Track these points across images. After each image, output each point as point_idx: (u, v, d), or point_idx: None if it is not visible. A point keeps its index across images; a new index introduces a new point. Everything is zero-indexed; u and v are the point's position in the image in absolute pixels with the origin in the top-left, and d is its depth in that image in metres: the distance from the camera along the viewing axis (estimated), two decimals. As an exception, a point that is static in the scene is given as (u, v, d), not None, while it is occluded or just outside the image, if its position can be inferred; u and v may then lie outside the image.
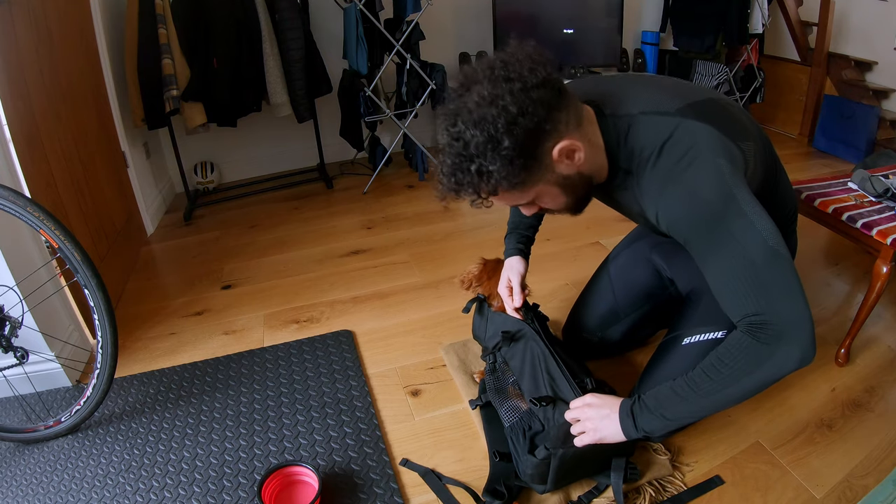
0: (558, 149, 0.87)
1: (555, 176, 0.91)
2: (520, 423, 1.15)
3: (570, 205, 0.98)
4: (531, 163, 0.86)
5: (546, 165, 0.88)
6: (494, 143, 0.82)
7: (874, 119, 3.01)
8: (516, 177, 0.85)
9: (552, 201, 0.96)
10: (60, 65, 1.81)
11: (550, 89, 0.84)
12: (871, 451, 1.24)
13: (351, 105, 2.84)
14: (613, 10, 3.27)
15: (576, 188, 0.96)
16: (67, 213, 1.69)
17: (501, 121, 0.81)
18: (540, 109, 0.82)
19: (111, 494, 1.21)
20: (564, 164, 0.90)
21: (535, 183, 0.90)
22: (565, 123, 0.88)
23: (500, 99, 0.81)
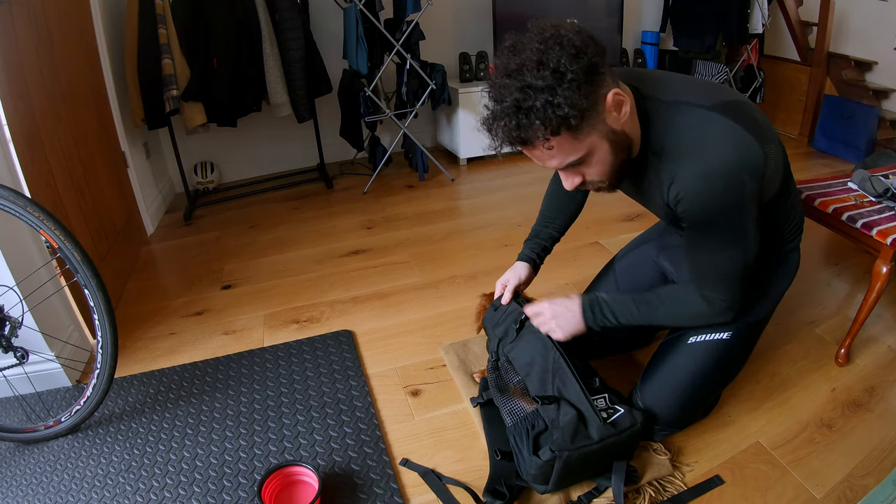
0: (612, 94, 0.90)
1: (606, 128, 0.93)
2: (523, 423, 1.15)
3: (614, 168, 0.99)
4: (591, 101, 0.87)
5: (600, 112, 0.91)
6: (560, 76, 0.84)
7: (874, 119, 3.01)
8: (583, 108, 0.86)
9: (601, 163, 0.97)
10: (60, 65, 1.81)
11: (598, 43, 0.89)
12: (871, 451, 1.24)
13: (351, 105, 2.84)
14: (613, 9, 3.27)
15: (621, 149, 0.98)
16: (67, 213, 1.69)
17: (566, 57, 0.84)
18: (596, 55, 0.87)
19: (111, 494, 1.21)
20: (613, 115, 0.93)
21: (591, 130, 0.91)
22: (611, 78, 0.92)
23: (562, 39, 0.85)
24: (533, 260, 1.42)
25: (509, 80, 0.87)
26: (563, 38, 0.85)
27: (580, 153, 0.94)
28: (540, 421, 1.12)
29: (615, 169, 1.00)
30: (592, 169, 0.98)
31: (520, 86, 0.85)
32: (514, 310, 1.31)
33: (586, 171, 0.99)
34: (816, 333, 1.65)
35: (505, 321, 1.31)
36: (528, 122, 0.86)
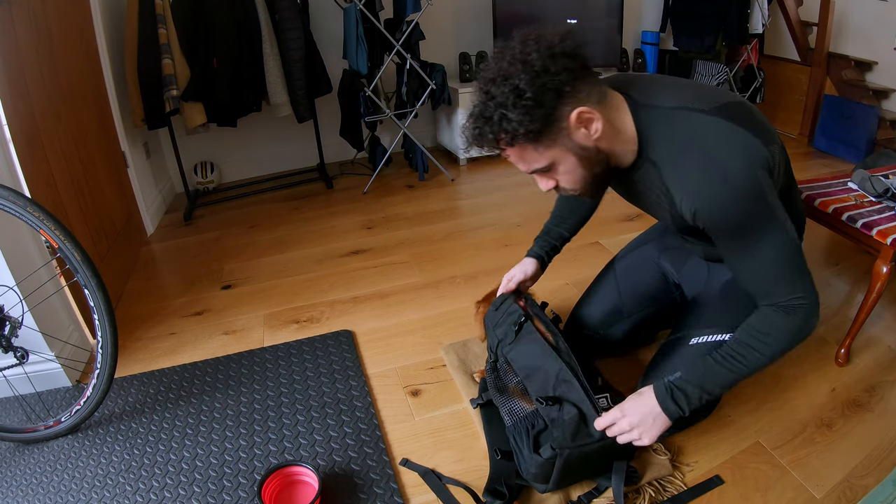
0: (576, 113, 0.91)
1: (572, 143, 0.95)
2: (522, 422, 1.15)
3: (586, 180, 1.00)
4: (549, 120, 0.91)
5: (563, 129, 0.93)
6: (517, 94, 0.88)
7: (874, 119, 3.01)
8: (533, 129, 0.90)
9: (569, 173, 0.99)
10: (60, 65, 1.82)
11: (575, 59, 0.90)
12: (871, 451, 1.24)
13: (351, 105, 2.84)
14: (613, 9, 3.27)
15: (592, 163, 0.98)
16: (67, 213, 1.69)
17: (526, 75, 0.87)
18: (563, 72, 0.89)
19: (111, 494, 1.21)
20: (582, 132, 0.94)
21: (553, 144, 0.94)
22: (586, 94, 0.93)
23: (528, 56, 0.88)
24: (541, 257, 1.41)
25: (481, 86, 0.93)
26: (530, 56, 0.88)
27: (543, 163, 0.97)
28: (540, 420, 1.12)
29: (588, 180, 1.01)
30: (562, 177, 1.01)
31: (485, 96, 0.92)
32: (515, 311, 1.30)
33: (556, 177, 1.01)
34: (816, 333, 1.64)
35: (505, 322, 1.30)
36: (484, 130, 0.93)
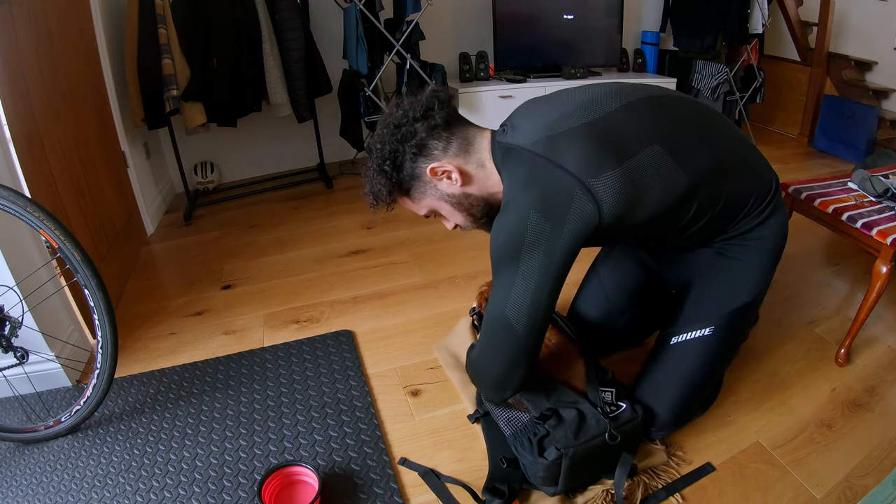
0: (429, 169, 1.07)
1: (440, 192, 1.10)
2: (524, 431, 1.15)
3: (471, 220, 1.15)
4: (412, 177, 1.10)
5: (427, 182, 1.10)
6: (380, 161, 1.10)
7: (874, 119, 3.02)
8: (398, 188, 1.11)
9: (451, 216, 1.16)
10: (60, 65, 1.81)
11: (426, 121, 1.06)
12: (871, 451, 1.24)
13: (351, 105, 2.84)
14: (613, 9, 3.27)
15: (466, 207, 1.12)
16: (67, 213, 1.69)
17: (382, 147, 1.09)
18: (413, 136, 1.06)
19: (111, 494, 1.21)
20: (445, 183, 1.09)
21: (423, 196, 1.12)
22: (443, 150, 1.08)
23: (384, 137, 1.09)
24: None
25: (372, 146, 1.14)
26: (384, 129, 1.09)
27: (423, 211, 1.16)
28: (541, 427, 1.11)
29: (473, 221, 1.15)
30: (451, 221, 1.17)
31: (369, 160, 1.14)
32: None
33: (444, 220, 1.18)
34: (816, 333, 1.65)
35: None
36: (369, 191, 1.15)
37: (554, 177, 0.96)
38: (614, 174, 0.96)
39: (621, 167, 0.97)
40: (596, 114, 1.03)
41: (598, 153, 0.97)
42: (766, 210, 1.16)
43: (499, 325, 1.03)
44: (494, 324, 1.04)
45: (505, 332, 1.02)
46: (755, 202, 1.14)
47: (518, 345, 1.02)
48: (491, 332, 1.06)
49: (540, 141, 1.00)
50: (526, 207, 0.96)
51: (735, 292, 1.19)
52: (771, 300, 1.79)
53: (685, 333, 1.20)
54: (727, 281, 1.20)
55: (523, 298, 0.99)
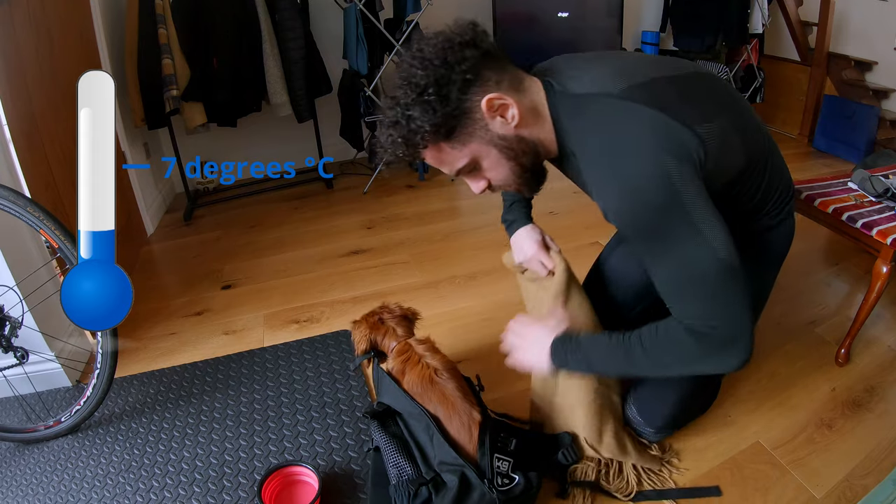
0: (486, 99, 0.86)
1: (490, 134, 0.89)
2: (406, 487, 1.04)
3: (516, 173, 0.94)
4: (459, 113, 0.86)
5: (477, 120, 0.88)
6: (419, 92, 0.85)
7: (874, 119, 3.01)
8: (439, 122, 0.86)
9: (495, 168, 0.93)
10: (60, 65, 1.81)
11: (476, 48, 0.87)
12: (871, 451, 1.24)
13: (351, 105, 2.84)
14: (613, 9, 3.27)
15: (517, 154, 0.92)
16: (67, 213, 1.69)
17: (424, 72, 0.85)
18: (464, 62, 0.85)
19: (111, 494, 1.21)
20: (499, 122, 0.89)
21: (469, 139, 0.89)
22: (496, 82, 0.88)
23: (424, 54, 0.86)
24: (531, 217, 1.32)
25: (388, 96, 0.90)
26: (426, 53, 0.86)
27: (464, 160, 0.91)
28: (424, 489, 1.02)
29: (519, 174, 0.94)
30: (490, 174, 0.95)
31: (391, 103, 0.88)
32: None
33: (486, 175, 0.95)
34: (816, 333, 1.65)
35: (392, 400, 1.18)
36: (394, 137, 0.88)
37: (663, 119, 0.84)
38: (710, 127, 0.87)
39: (712, 122, 0.88)
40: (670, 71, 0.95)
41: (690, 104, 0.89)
42: (782, 212, 1.13)
43: (719, 273, 0.83)
44: (716, 275, 0.83)
45: (727, 277, 0.83)
46: (776, 201, 1.11)
47: (742, 281, 0.84)
48: (709, 288, 0.84)
49: (626, 89, 0.87)
50: (654, 153, 0.82)
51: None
52: (771, 300, 1.78)
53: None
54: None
55: (716, 234, 0.83)
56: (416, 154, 0.91)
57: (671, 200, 0.81)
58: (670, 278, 0.87)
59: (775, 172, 1.09)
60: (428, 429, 1.05)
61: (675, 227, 0.83)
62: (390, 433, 1.12)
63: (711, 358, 0.87)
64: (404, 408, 1.10)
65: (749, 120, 1.01)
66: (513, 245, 1.30)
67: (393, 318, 1.27)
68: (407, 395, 1.10)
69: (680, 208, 0.82)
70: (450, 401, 1.07)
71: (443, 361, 1.15)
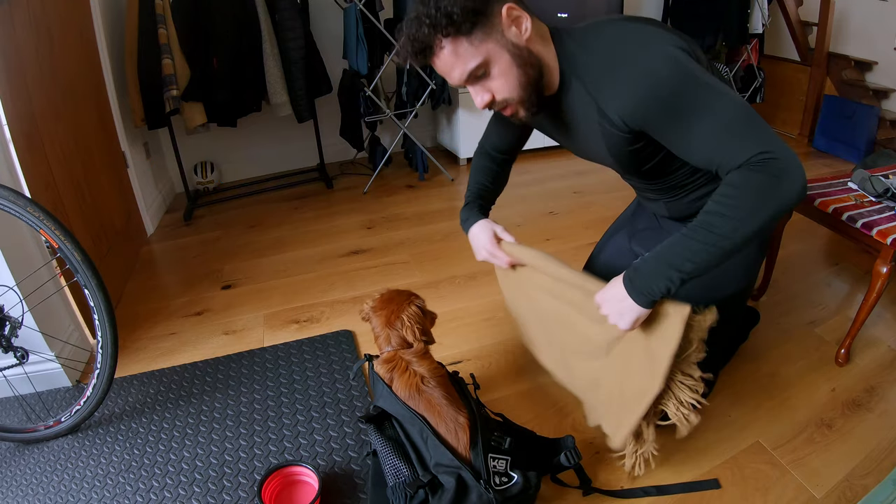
0: (507, 6, 0.94)
1: (505, 40, 0.95)
2: (402, 489, 1.03)
3: (522, 84, 0.98)
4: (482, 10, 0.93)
5: (496, 24, 0.95)
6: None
7: (874, 119, 3.01)
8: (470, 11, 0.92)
9: (504, 75, 0.97)
10: (60, 65, 1.81)
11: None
12: (871, 451, 1.24)
13: (351, 105, 2.84)
14: (613, 10, 3.27)
15: (526, 64, 0.97)
16: (67, 213, 1.69)
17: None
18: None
19: (111, 494, 1.21)
20: (513, 31, 0.96)
21: (486, 38, 0.95)
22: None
23: None
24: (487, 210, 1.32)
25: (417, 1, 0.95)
26: None
27: (478, 59, 0.95)
28: (421, 491, 1.01)
29: (524, 84, 0.98)
30: (498, 82, 0.98)
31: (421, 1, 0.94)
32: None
33: (492, 85, 0.99)
34: (816, 333, 1.65)
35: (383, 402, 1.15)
36: (422, 27, 0.93)
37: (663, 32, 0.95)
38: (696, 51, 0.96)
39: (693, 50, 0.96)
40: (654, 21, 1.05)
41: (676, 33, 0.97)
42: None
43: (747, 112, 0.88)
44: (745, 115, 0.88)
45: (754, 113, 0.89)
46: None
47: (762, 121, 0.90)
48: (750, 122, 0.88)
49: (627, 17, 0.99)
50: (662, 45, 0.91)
51: (727, 280, 1.16)
52: (771, 300, 1.79)
53: None
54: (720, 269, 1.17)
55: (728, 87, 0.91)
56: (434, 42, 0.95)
57: (683, 74, 0.89)
58: (711, 134, 0.89)
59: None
60: (422, 432, 1.05)
61: (694, 92, 0.89)
62: (386, 436, 1.10)
63: (776, 183, 0.86)
64: (398, 411, 1.10)
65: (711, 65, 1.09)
66: (470, 241, 1.29)
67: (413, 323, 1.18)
68: (398, 399, 1.10)
69: (692, 77, 0.89)
70: (436, 408, 1.07)
71: (429, 368, 1.13)
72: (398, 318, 1.18)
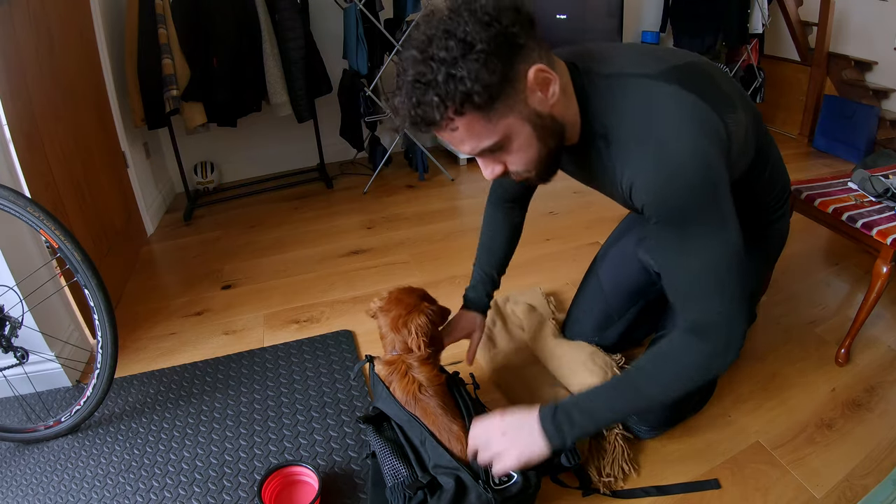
0: (534, 70, 0.78)
1: (528, 110, 0.81)
2: (401, 489, 1.03)
3: (541, 157, 0.86)
4: (506, 78, 0.76)
5: (519, 91, 0.78)
6: (466, 47, 0.72)
7: (874, 119, 3.01)
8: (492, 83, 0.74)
9: (523, 149, 0.84)
10: (60, 65, 1.81)
11: (522, 14, 0.77)
12: (871, 451, 1.24)
13: (351, 105, 2.84)
14: (613, 9, 3.27)
15: (547, 136, 0.84)
16: (67, 213, 1.69)
17: (474, 25, 0.73)
18: (516, 24, 0.75)
19: (111, 494, 1.21)
20: (538, 96, 0.81)
21: (507, 111, 0.79)
22: (538, 53, 0.80)
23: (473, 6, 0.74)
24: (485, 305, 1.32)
25: (415, 52, 0.76)
26: (475, 3, 0.74)
27: (494, 137, 0.81)
28: (420, 492, 1.00)
29: (543, 158, 0.86)
30: (514, 156, 0.85)
31: (422, 57, 0.75)
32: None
33: (507, 158, 0.86)
34: (816, 333, 1.65)
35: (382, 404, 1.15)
36: (427, 97, 0.75)
37: (702, 106, 0.82)
38: (734, 117, 0.87)
39: (735, 114, 0.88)
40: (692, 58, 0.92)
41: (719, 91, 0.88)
42: (779, 210, 1.15)
43: (734, 264, 0.84)
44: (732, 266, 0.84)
45: (738, 267, 0.84)
46: (776, 197, 1.13)
47: (745, 273, 0.86)
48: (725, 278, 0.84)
49: (665, 71, 0.85)
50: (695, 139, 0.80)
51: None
52: (771, 300, 1.79)
53: None
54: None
55: (735, 225, 0.84)
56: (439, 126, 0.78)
57: (707, 185, 0.80)
58: (691, 269, 0.85)
59: (776, 167, 1.11)
60: (421, 434, 1.05)
61: (705, 213, 0.82)
62: (385, 437, 1.10)
63: (709, 359, 0.87)
64: (396, 414, 1.10)
65: (754, 111, 1.01)
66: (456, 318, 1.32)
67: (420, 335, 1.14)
68: (397, 401, 1.10)
69: (713, 194, 0.81)
70: (431, 417, 1.06)
71: (429, 376, 1.11)
72: (405, 327, 1.14)
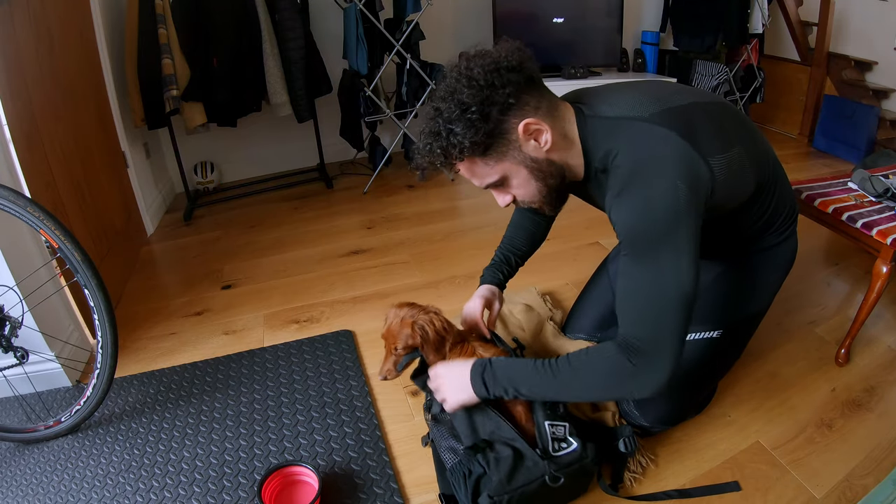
0: (523, 124, 0.93)
1: (522, 156, 0.96)
2: (459, 467, 1.06)
3: (542, 193, 1.01)
4: (496, 133, 0.93)
5: (512, 141, 0.94)
6: (462, 108, 0.90)
7: (874, 119, 3.02)
8: (478, 141, 0.91)
9: (522, 186, 1.00)
10: (60, 65, 1.81)
11: (521, 73, 0.93)
12: (871, 451, 1.24)
13: (351, 105, 2.84)
14: (613, 9, 3.27)
15: (545, 176, 0.99)
16: (67, 213, 1.69)
17: (470, 90, 0.90)
18: (508, 86, 0.91)
19: (111, 494, 1.21)
20: (532, 145, 0.95)
21: (502, 157, 0.96)
22: (534, 107, 0.94)
23: (472, 72, 0.91)
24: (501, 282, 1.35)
25: (432, 105, 0.96)
26: (473, 72, 0.91)
27: (494, 177, 0.98)
28: (477, 465, 1.03)
29: (544, 193, 1.01)
30: (517, 191, 1.01)
31: (434, 113, 0.94)
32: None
33: (513, 191, 1.02)
34: (816, 333, 1.65)
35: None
36: (433, 146, 0.94)
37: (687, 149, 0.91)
38: (725, 158, 0.95)
39: (727, 154, 0.96)
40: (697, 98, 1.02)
41: (713, 134, 0.96)
42: (788, 229, 1.21)
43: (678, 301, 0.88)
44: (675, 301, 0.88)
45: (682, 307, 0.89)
46: (782, 222, 1.19)
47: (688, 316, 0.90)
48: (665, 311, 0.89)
49: (658, 113, 0.95)
50: (673, 178, 0.88)
51: (749, 300, 1.22)
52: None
53: (693, 333, 1.20)
54: (742, 289, 1.22)
55: (690, 268, 0.89)
56: (451, 164, 0.97)
57: (672, 223, 0.88)
58: (637, 290, 0.91)
59: (782, 196, 1.17)
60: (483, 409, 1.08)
61: (663, 248, 0.88)
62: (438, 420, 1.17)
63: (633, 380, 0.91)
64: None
65: (761, 148, 1.08)
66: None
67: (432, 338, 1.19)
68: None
69: (675, 233, 0.88)
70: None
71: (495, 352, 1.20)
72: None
